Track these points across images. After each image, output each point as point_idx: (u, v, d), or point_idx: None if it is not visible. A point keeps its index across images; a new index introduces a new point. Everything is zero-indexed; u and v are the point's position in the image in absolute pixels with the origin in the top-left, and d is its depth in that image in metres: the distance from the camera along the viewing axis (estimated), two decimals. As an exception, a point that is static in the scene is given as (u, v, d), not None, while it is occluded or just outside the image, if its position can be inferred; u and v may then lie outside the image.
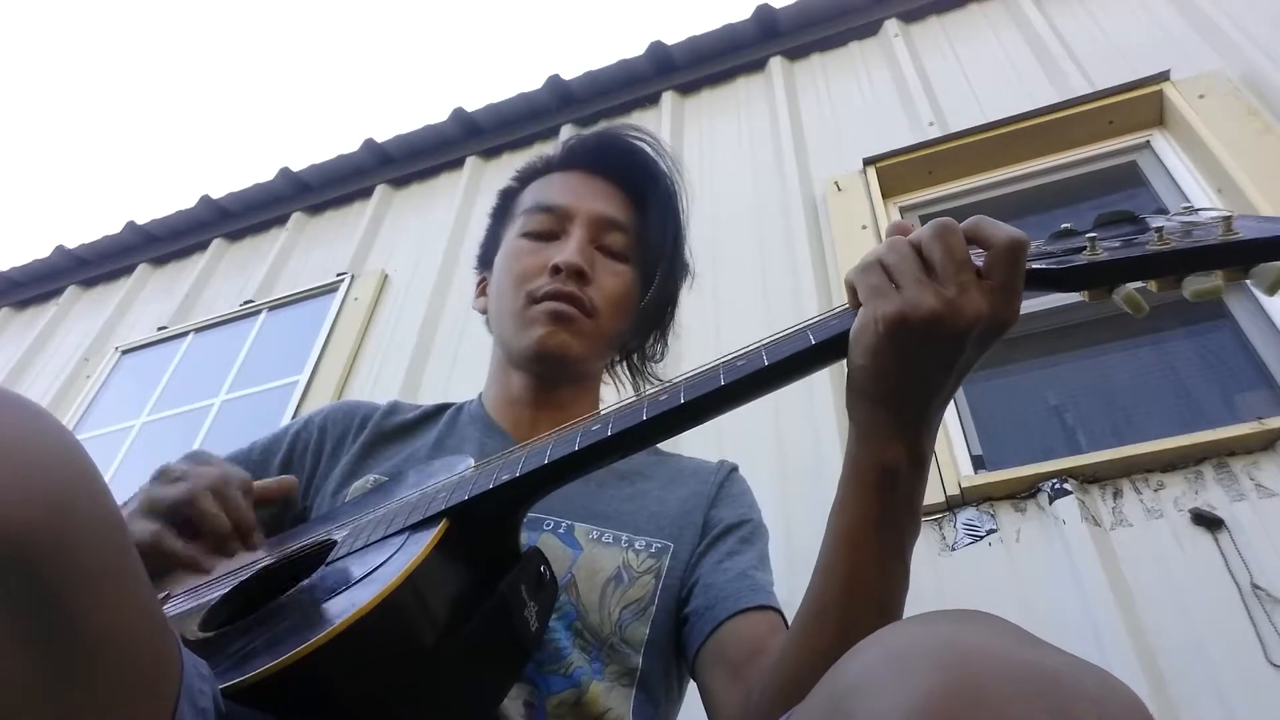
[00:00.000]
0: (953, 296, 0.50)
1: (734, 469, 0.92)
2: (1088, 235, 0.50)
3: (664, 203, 0.94)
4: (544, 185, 0.96)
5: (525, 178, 1.00)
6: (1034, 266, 0.51)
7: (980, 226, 0.52)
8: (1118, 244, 0.50)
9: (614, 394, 1.02)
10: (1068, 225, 0.54)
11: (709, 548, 0.81)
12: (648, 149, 0.96)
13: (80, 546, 0.36)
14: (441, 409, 0.96)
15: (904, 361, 0.52)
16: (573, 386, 0.92)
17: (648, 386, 1.02)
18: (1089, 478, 1.64)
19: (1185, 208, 0.51)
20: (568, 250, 0.86)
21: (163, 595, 0.79)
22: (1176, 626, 1.40)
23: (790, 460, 1.88)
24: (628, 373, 1.02)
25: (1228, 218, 0.46)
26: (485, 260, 1.01)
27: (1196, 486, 1.56)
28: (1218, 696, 1.31)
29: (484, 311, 0.98)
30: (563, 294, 0.84)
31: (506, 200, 1.01)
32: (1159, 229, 0.48)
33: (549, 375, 0.89)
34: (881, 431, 0.54)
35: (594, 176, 0.94)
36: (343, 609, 0.51)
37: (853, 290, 0.55)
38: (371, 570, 0.56)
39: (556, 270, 0.85)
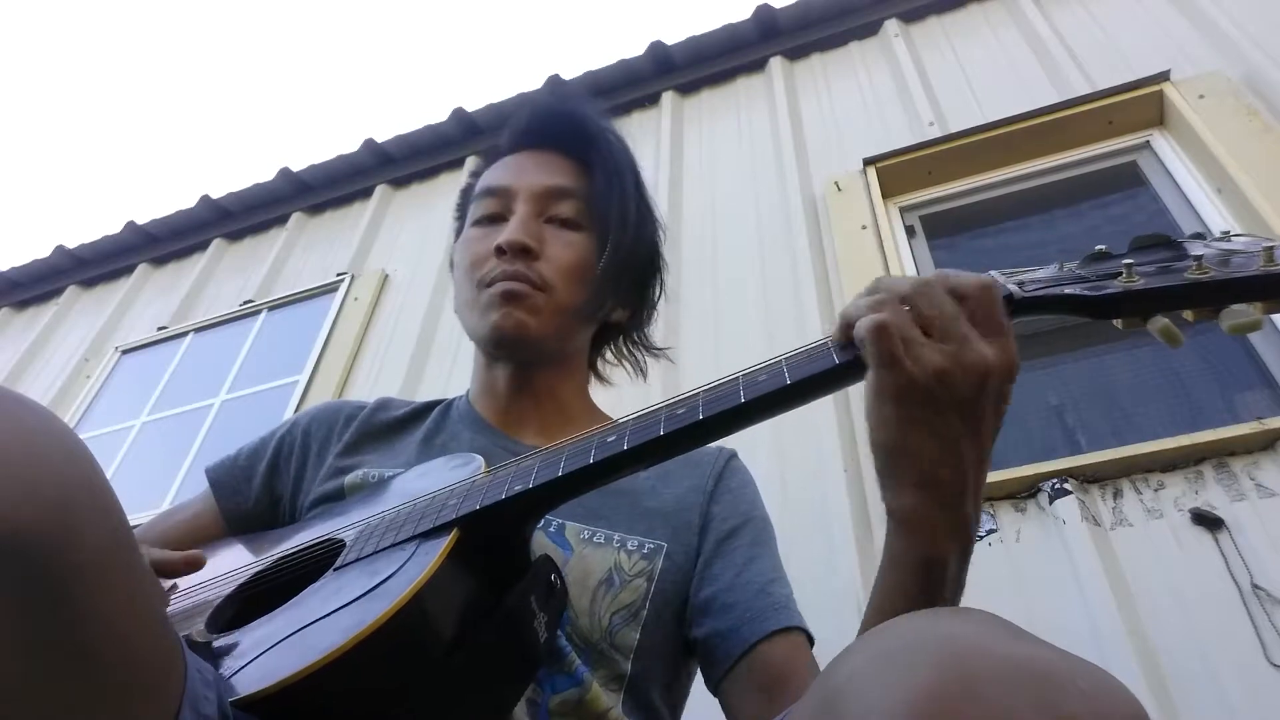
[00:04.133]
0: (955, 350, 0.48)
1: (732, 456, 0.89)
2: (1124, 261, 0.49)
3: (609, 160, 0.90)
4: (490, 171, 0.94)
5: (478, 171, 0.98)
6: (1067, 292, 0.50)
7: (949, 279, 0.51)
8: (1153, 270, 0.48)
9: (622, 374, 1.00)
10: (1102, 248, 0.52)
11: (717, 553, 0.79)
12: (582, 109, 0.94)
13: (82, 546, 0.36)
14: (431, 406, 0.95)
15: (928, 430, 0.49)
16: (551, 370, 0.89)
17: (647, 359, 1.00)
18: (1089, 478, 1.63)
19: (1224, 234, 0.50)
20: (509, 229, 0.84)
21: (168, 585, 0.79)
22: (1176, 626, 1.40)
23: (789, 457, 1.87)
24: (625, 348, 0.99)
25: (1270, 247, 0.45)
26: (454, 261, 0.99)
27: (1196, 486, 1.56)
28: (1218, 696, 1.31)
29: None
30: (510, 274, 0.82)
31: (465, 197, 1.00)
32: (1198, 257, 0.46)
33: (520, 359, 0.87)
34: (926, 525, 0.51)
35: (537, 151, 0.92)
36: (352, 624, 0.50)
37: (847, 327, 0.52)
38: (381, 581, 0.55)
39: (500, 251, 0.82)
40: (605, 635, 0.72)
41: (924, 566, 0.52)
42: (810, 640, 0.75)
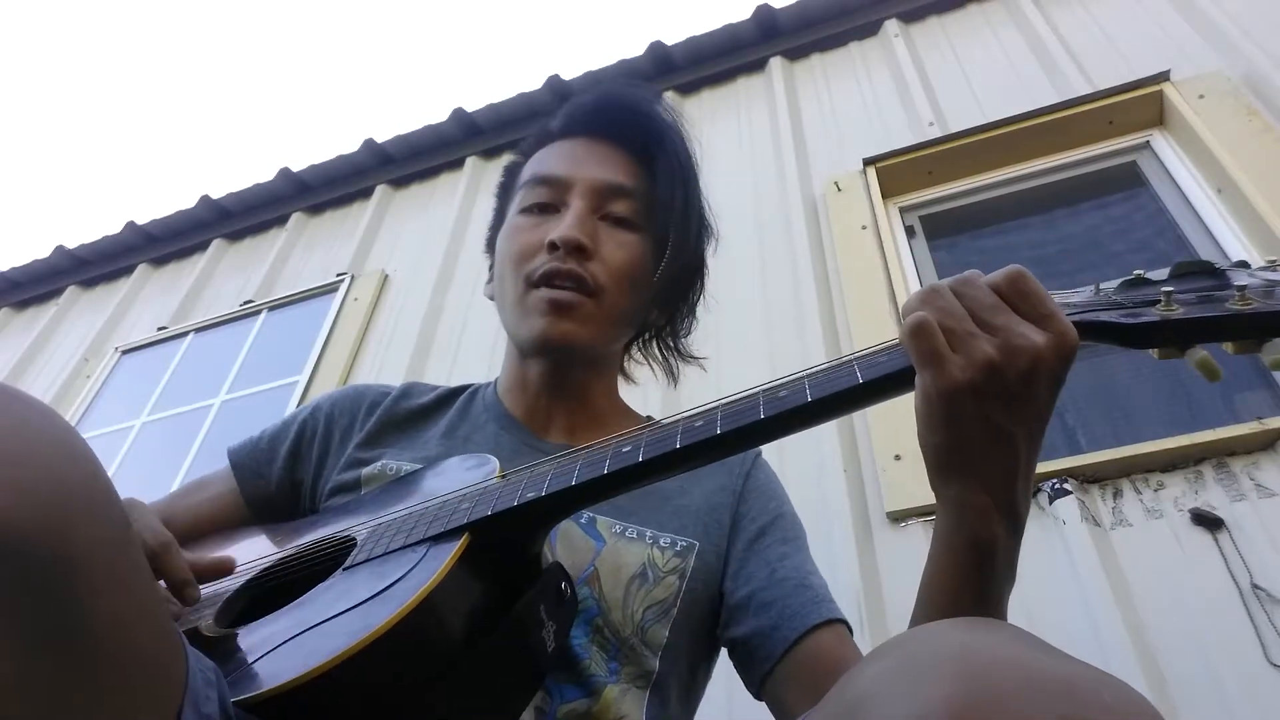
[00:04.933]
0: (1001, 340, 0.47)
1: (758, 455, 0.88)
2: (1163, 288, 0.47)
3: (672, 160, 0.86)
4: (543, 156, 0.89)
5: (528, 150, 0.93)
6: (1102, 319, 0.48)
7: (984, 276, 0.50)
8: (1194, 299, 0.46)
9: (648, 374, 0.99)
10: (1140, 272, 0.50)
11: (750, 553, 0.77)
12: (650, 104, 0.89)
13: (81, 545, 0.36)
14: (457, 392, 0.93)
15: (980, 424, 0.48)
16: (588, 371, 0.87)
17: (682, 365, 0.97)
18: (1089, 478, 1.63)
19: (1270, 262, 0.48)
20: (564, 224, 0.79)
21: None
22: (1176, 626, 1.40)
23: (789, 459, 1.87)
24: (659, 352, 0.96)
25: None
26: (492, 243, 0.94)
27: (1196, 486, 1.56)
28: (1218, 696, 1.31)
29: (493, 298, 0.92)
30: (561, 273, 0.78)
31: (510, 176, 0.95)
32: (1241, 287, 0.45)
33: (560, 363, 0.84)
34: (976, 510, 0.50)
35: (595, 141, 0.87)
36: (357, 628, 0.50)
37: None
38: (390, 584, 0.55)
39: (554, 247, 0.78)
40: (637, 630, 0.71)
41: (974, 547, 0.51)
42: (849, 629, 0.74)
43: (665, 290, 0.87)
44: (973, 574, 0.52)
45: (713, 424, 0.55)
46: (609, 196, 0.83)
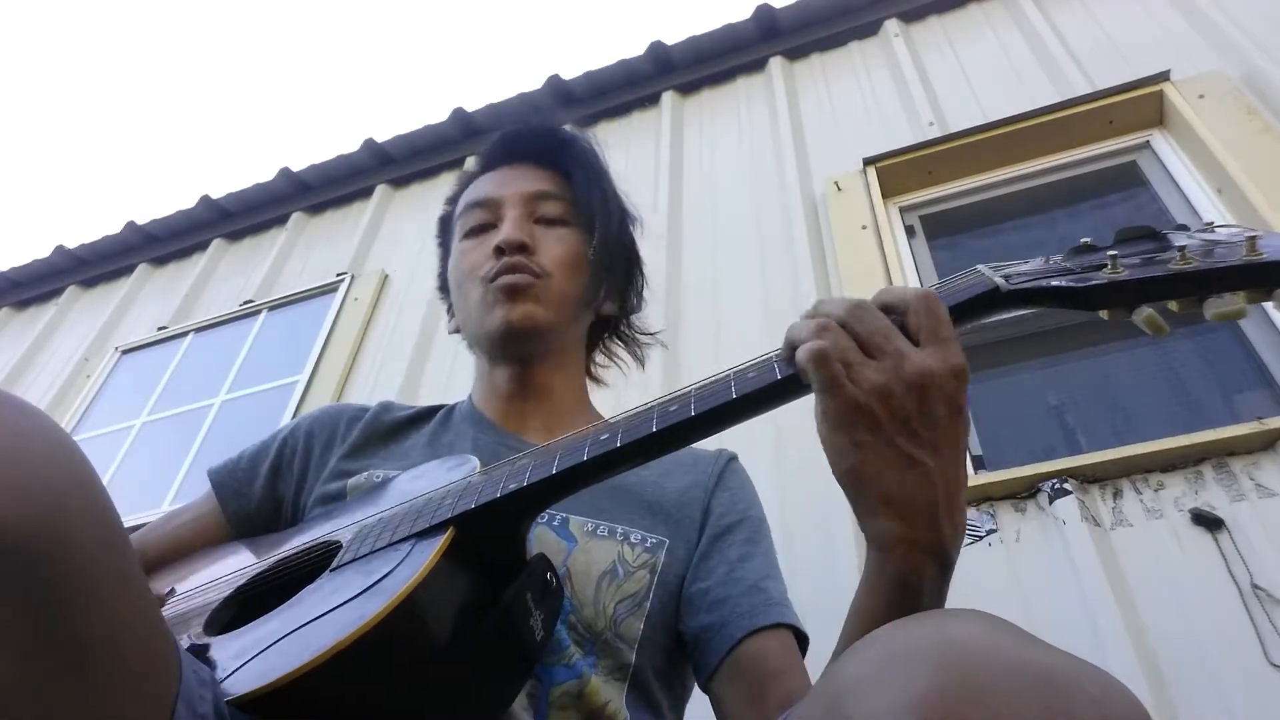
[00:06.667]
0: (892, 365, 0.49)
1: (733, 458, 0.92)
2: (1108, 252, 0.49)
3: (584, 162, 0.96)
4: (471, 189, 0.99)
5: (454, 196, 1.03)
6: (1053, 284, 0.50)
7: (886, 294, 0.53)
8: (1138, 261, 0.49)
9: (617, 374, 1.03)
10: (1087, 240, 0.53)
11: (712, 549, 0.80)
12: (553, 124, 1.01)
13: (76, 548, 0.36)
14: (434, 410, 0.96)
15: (887, 450, 0.49)
16: (552, 366, 0.92)
17: (642, 351, 1.05)
18: (1089, 478, 1.63)
19: (1208, 224, 0.51)
20: (504, 229, 0.89)
21: (165, 592, 0.79)
22: (1176, 626, 1.40)
23: (788, 455, 1.87)
24: (619, 343, 1.03)
25: (1252, 237, 0.45)
26: (443, 283, 1.02)
27: (1196, 486, 1.56)
28: (1218, 696, 1.31)
29: (458, 330, 0.99)
30: (510, 266, 0.86)
31: (444, 225, 1.04)
32: (1181, 247, 0.47)
33: (526, 355, 0.89)
34: (901, 545, 0.51)
35: (514, 164, 0.97)
36: (349, 622, 0.50)
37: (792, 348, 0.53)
38: (378, 580, 0.55)
39: (500, 251, 0.87)
40: (610, 624, 0.73)
41: (899, 585, 0.51)
42: (802, 639, 0.76)
43: (606, 269, 0.95)
44: (896, 612, 0.51)
45: (687, 407, 0.56)
46: (537, 201, 0.93)
